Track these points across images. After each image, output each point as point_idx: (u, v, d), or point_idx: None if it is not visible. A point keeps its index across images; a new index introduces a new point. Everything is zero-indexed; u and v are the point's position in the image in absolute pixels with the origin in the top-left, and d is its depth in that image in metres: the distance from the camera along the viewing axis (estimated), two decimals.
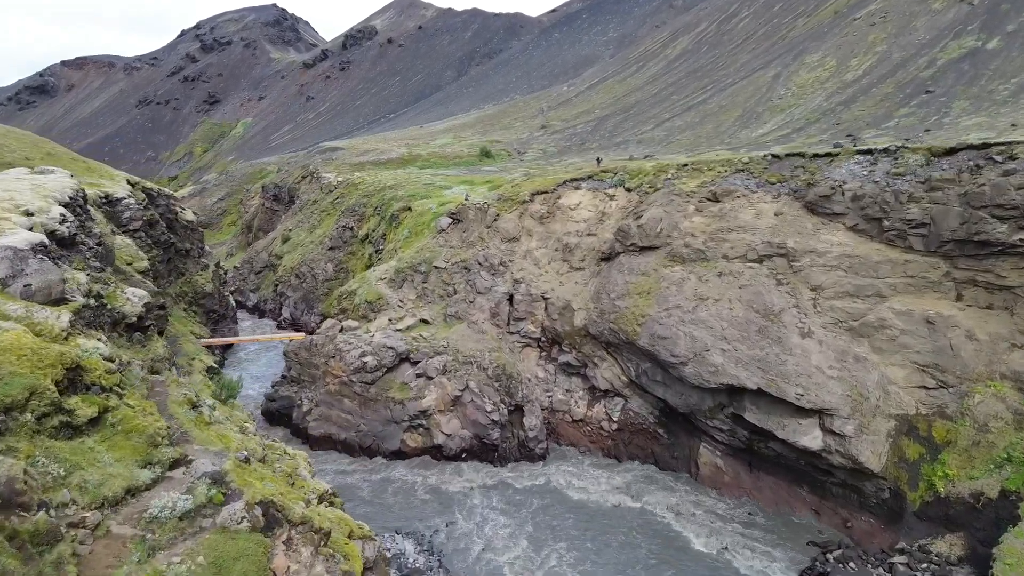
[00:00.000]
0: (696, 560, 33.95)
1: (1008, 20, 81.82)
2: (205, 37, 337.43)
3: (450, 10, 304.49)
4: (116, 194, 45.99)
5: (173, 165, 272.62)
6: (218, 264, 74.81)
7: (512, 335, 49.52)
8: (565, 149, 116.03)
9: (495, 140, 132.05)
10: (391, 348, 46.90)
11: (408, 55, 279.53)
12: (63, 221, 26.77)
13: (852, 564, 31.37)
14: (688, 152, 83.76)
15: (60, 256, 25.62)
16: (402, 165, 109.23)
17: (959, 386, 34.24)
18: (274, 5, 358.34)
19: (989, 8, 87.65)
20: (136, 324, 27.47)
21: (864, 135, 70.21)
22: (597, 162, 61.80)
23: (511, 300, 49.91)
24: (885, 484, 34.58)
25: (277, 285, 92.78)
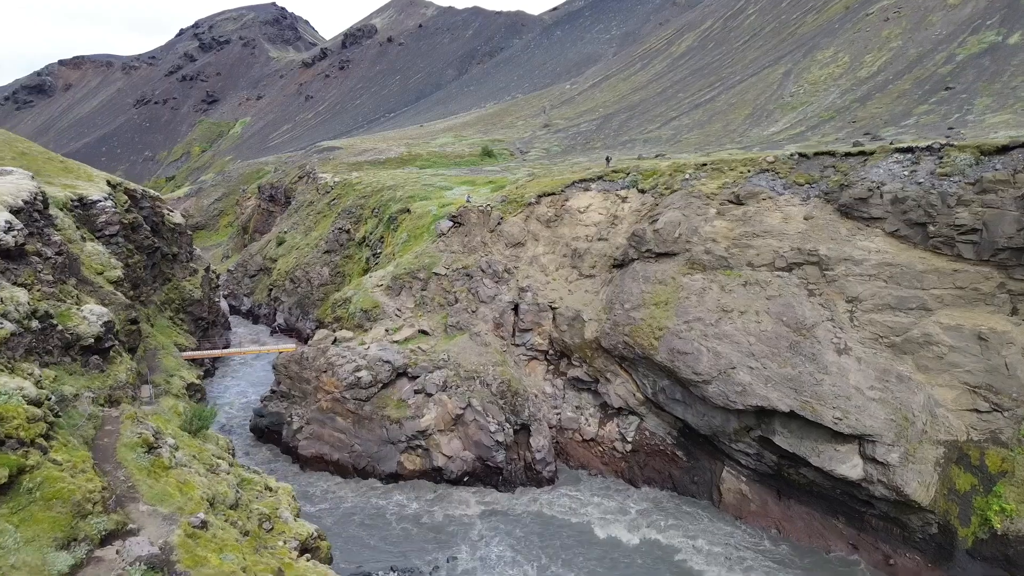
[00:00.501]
0: None
1: None
2: (203, 36, 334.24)
3: (451, 8, 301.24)
4: (91, 196, 42.65)
5: (170, 165, 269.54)
6: (208, 269, 71.39)
7: (517, 347, 46.15)
8: (569, 148, 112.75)
9: (497, 139, 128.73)
10: (387, 362, 43.53)
11: (408, 54, 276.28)
12: (8, 230, 23.41)
13: None
14: (698, 151, 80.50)
15: (2, 271, 22.29)
16: (401, 165, 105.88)
17: (1015, 409, 30.85)
18: (273, 4, 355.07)
19: (1009, 2, 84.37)
20: (93, 346, 24.11)
21: (883, 133, 67.11)
22: (606, 161, 58.44)
23: (516, 310, 46.51)
24: (933, 518, 31.19)
25: (271, 290, 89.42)
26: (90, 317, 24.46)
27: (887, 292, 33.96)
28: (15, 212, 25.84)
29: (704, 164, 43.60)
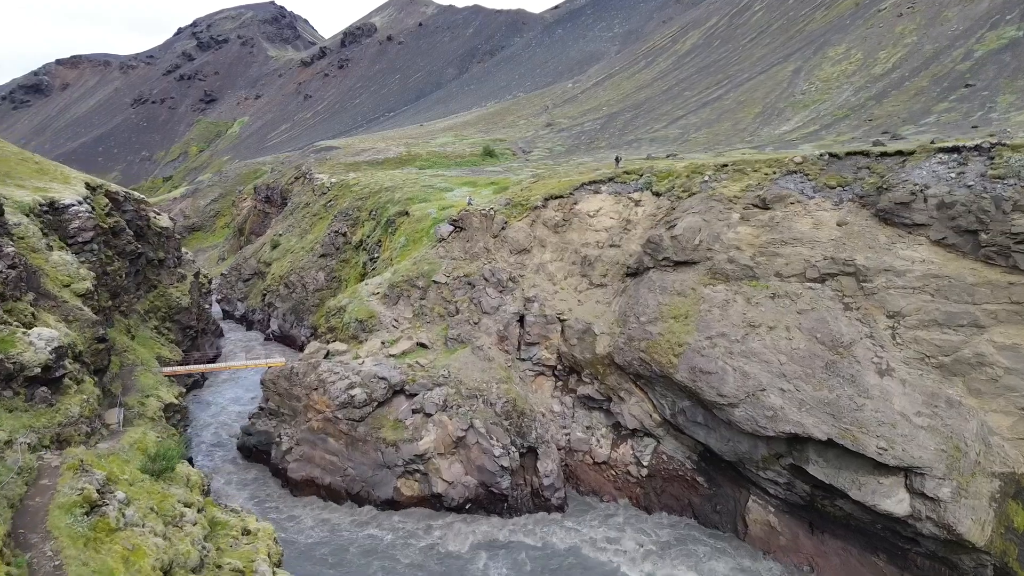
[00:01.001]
0: None
1: None
2: (202, 35, 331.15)
3: (451, 7, 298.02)
4: (63, 200, 39.48)
5: (168, 165, 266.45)
6: (197, 274, 68.21)
7: (523, 362, 42.94)
8: (573, 148, 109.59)
9: (499, 139, 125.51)
10: (383, 379, 40.33)
11: (408, 53, 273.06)
12: None
13: None
14: (707, 151, 77.39)
15: None
16: (400, 165, 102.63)
17: None
18: (272, 2, 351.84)
19: None
20: (40, 377, 20.95)
21: (903, 131, 64.41)
22: (616, 162, 55.19)
23: (522, 321, 43.30)
24: (988, 559, 28.00)
25: (265, 295, 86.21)
26: (37, 343, 21.27)
27: (933, 307, 30.76)
28: None
29: (725, 165, 40.40)
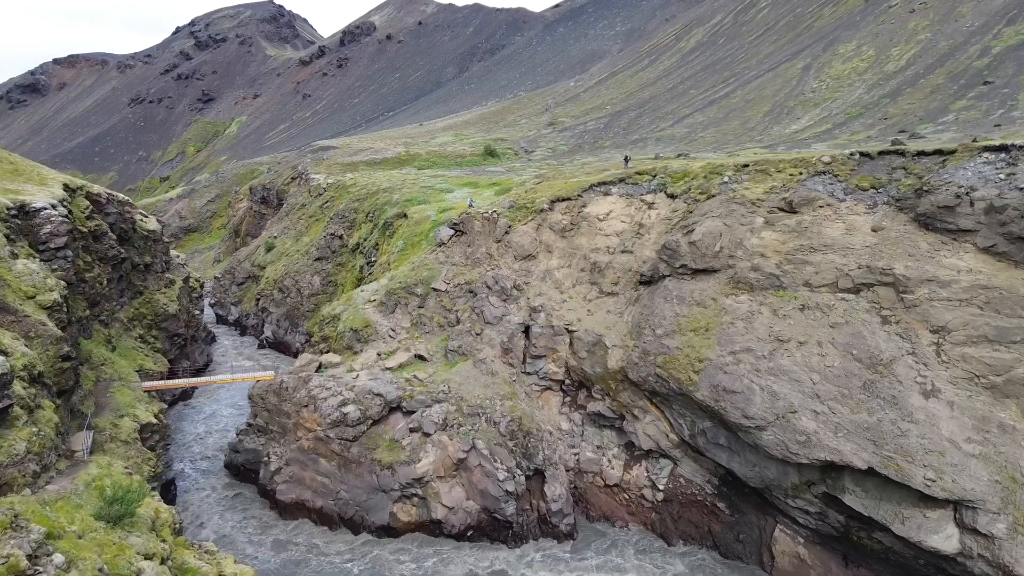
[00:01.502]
0: None
1: None
2: (200, 34, 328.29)
3: (451, 5, 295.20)
4: (34, 204, 36.62)
5: (165, 165, 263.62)
6: (187, 279, 65.35)
7: (528, 376, 40.08)
8: (577, 147, 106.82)
9: (500, 138, 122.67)
10: (378, 395, 37.47)
11: (407, 51, 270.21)
12: None
13: None
14: (716, 150, 74.65)
15: None
16: (399, 165, 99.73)
17: None
18: (271, 1, 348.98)
19: None
20: None
21: (921, 130, 61.86)
22: (625, 161, 52.37)
23: (527, 333, 40.44)
24: None
25: (259, 299, 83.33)
26: None
27: (983, 321, 27.91)
28: None
29: (746, 165, 37.54)
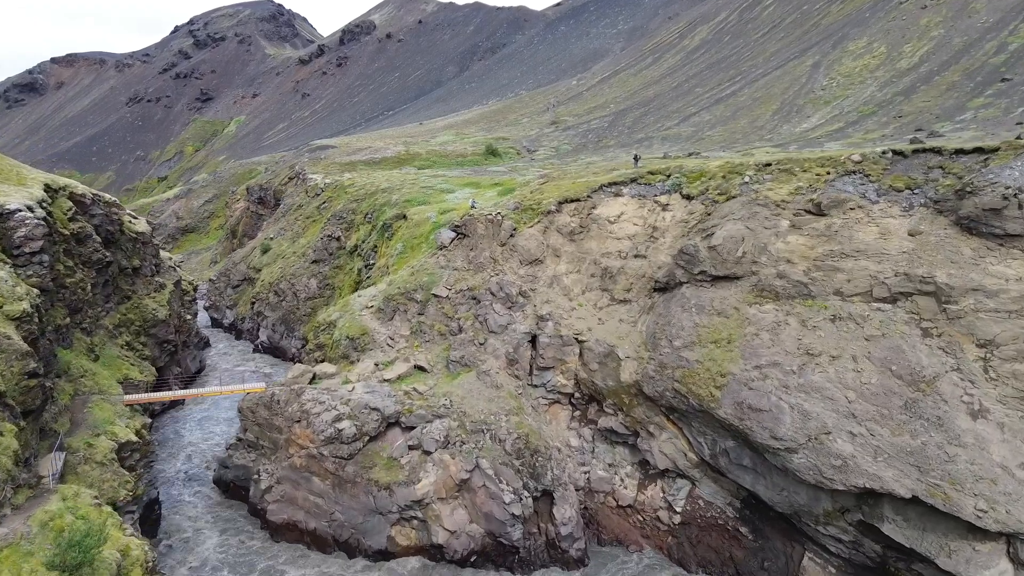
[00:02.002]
0: None
1: None
2: (199, 33, 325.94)
3: (451, 4, 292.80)
4: (7, 206, 34.23)
5: (163, 165, 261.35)
6: (179, 282, 62.91)
7: (535, 389, 37.67)
8: (581, 147, 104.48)
9: (502, 137, 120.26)
10: (375, 409, 35.06)
11: (407, 50, 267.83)
12: None
13: None
14: (724, 149, 72.31)
15: None
16: (398, 165, 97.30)
17: None
18: (270, 0, 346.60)
19: None
20: None
21: (939, 128, 59.39)
22: (634, 160, 49.98)
23: (534, 342, 38.02)
24: None
25: (255, 303, 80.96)
26: None
27: None
28: None
29: (768, 164, 35.13)
